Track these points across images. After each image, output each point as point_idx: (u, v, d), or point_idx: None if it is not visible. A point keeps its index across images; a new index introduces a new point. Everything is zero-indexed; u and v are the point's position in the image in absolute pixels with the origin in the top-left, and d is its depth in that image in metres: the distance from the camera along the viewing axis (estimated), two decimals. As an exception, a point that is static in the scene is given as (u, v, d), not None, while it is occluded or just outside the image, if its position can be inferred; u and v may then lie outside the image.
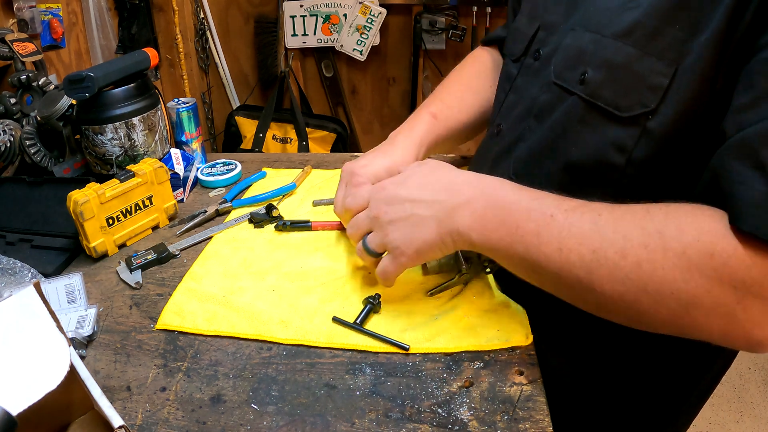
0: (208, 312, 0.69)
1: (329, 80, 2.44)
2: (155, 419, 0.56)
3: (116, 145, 0.95)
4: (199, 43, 2.26)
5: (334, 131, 2.32)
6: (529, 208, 0.52)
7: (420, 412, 0.55)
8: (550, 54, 0.64)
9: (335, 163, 1.09)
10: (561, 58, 0.61)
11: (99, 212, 0.80)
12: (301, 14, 2.29)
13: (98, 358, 0.65)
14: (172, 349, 0.65)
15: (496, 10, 2.15)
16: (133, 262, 0.79)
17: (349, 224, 0.68)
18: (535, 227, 0.51)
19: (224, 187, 1.02)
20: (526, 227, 0.52)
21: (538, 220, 0.51)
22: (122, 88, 0.94)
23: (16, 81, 1.07)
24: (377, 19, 2.23)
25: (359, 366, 0.61)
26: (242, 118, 2.36)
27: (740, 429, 1.72)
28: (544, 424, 0.54)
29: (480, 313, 0.66)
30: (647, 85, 0.52)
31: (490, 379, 0.59)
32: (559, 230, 0.50)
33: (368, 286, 0.72)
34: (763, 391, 1.84)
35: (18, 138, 1.00)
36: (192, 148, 1.08)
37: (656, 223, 0.46)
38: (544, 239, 0.51)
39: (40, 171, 0.99)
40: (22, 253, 0.83)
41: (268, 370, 0.62)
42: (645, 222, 0.47)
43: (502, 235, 0.54)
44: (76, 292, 0.70)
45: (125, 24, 1.88)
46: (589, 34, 0.57)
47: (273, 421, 0.56)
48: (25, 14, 1.31)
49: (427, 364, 0.61)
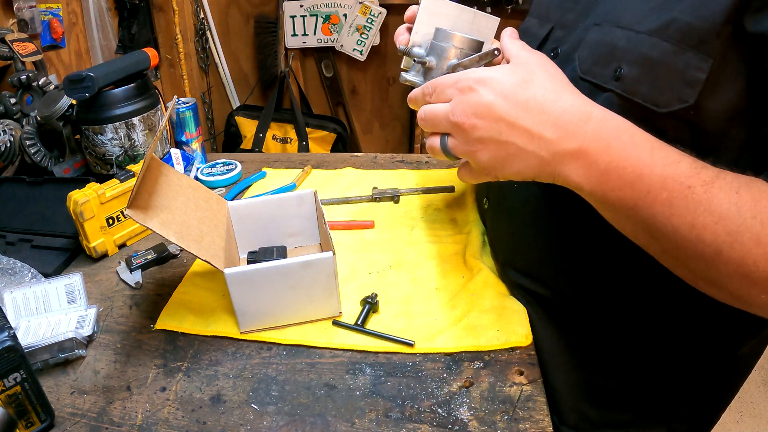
0: (208, 312, 0.69)
1: (329, 80, 2.44)
2: (155, 419, 0.56)
3: (116, 145, 0.95)
4: (199, 43, 2.26)
5: (334, 131, 2.32)
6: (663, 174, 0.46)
7: (420, 412, 0.55)
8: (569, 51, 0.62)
9: (335, 163, 1.09)
10: (587, 53, 0.58)
11: (99, 212, 0.80)
12: (301, 14, 2.29)
13: (98, 358, 0.65)
14: (172, 349, 0.65)
15: (496, 11, 2.15)
16: (133, 262, 0.79)
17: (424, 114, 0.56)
18: (668, 197, 0.46)
19: (224, 187, 1.01)
20: (658, 195, 0.47)
21: (674, 190, 0.46)
22: (122, 88, 0.94)
23: (16, 81, 1.07)
24: (377, 19, 2.23)
25: (359, 366, 0.61)
26: (242, 118, 2.36)
27: (740, 429, 1.72)
28: (544, 424, 0.54)
29: (480, 313, 0.66)
30: (685, 79, 0.50)
31: (490, 379, 0.59)
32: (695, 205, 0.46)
33: (366, 286, 0.72)
34: (763, 391, 1.84)
35: (18, 138, 1.00)
36: (192, 148, 1.08)
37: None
38: (677, 211, 0.46)
39: (40, 171, 0.99)
40: (22, 253, 0.83)
41: (268, 370, 0.62)
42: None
43: (625, 196, 0.48)
44: (76, 292, 0.70)
45: (125, 24, 1.88)
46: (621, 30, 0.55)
47: (273, 421, 0.56)
48: (25, 14, 1.31)
49: (427, 364, 0.61)
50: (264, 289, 0.63)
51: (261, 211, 0.77)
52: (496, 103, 0.50)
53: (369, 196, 0.93)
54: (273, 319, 0.66)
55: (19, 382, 0.52)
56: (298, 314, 0.66)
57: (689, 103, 0.51)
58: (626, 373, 0.69)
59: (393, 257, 0.78)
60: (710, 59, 0.49)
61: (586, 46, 0.59)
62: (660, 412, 0.71)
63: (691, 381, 0.69)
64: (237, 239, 0.78)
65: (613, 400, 0.71)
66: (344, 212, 0.90)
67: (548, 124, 0.49)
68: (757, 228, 0.44)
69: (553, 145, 0.49)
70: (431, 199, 0.92)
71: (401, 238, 0.83)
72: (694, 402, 0.71)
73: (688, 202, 0.46)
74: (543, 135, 0.49)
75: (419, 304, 0.69)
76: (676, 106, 0.52)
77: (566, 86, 0.51)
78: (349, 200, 0.93)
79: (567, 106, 0.49)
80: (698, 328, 0.65)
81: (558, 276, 0.67)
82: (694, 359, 0.68)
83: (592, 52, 0.58)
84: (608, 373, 0.70)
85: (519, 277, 0.71)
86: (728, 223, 0.45)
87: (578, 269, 0.65)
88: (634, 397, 0.71)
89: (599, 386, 0.71)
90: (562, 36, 0.65)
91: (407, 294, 0.71)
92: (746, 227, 0.45)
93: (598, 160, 0.48)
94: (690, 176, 0.46)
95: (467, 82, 0.51)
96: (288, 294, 0.64)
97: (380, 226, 0.86)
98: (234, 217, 0.76)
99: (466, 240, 0.81)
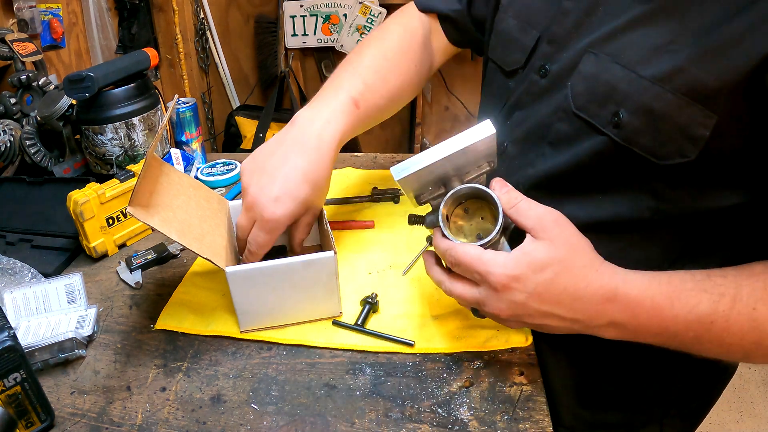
0: (208, 312, 0.69)
1: (329, 80, 2.44)
2: (155, 419, 0.56)
3: (116, 145, 0.95)
4: (199, 43, 2.26)
5: (334, 131, 2.32)
6: (687, 320, 0.50)
7: (420, 412, 0.55)
8: (561, 74, 0.60)
9: (335, 163, 1.09)
10: (583, 87, 0.57)
11: (99, 212, 0.80)
12: (301, 14, 2.29)
13: (98, 358, 0.65)
14: (172, 349, 0.65)
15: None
16: (133, 262, 0.79)
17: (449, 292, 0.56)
18: (694, 335, 0.51)
19: (224, 187, 1.02)
20: (684, 336, 0.52)
21: (698, 330, 0.51)
22: (122, 88, 0.94)
23: (16, 81, 1.07)
24: (377, 19, 2.23)
25: (359, 366, 0.61)
26: (242, 118, 2.36)
27: (740, 429, 1.72)
28: (544, 424, 0.54)
29: (480, 313, 0.66)
30: (687, 135, 0.50)
31: (490, 379, 0.59)
32: (720, 333, 0.50)
33: (366, 286, 0.72)
34: (763, 391, 1.84)
35: (18, 138, 1.00)
36: (192, 148, 1.08)
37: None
38: (705, 341, 0.51)
39: (40, 171, 0.99)
40: (22, 253, 0.83)
41: (268, 370, 0.62)
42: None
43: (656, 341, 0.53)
44: (76, 292, 0.70)
45: (125, 24, 1.88)
46: (621, 68, 0.53)
47: (273, 421, 0.56)
48: (25, 14, 1.31)
49: (427, 364, 0.61)
50: (265, 288, 0.63)
51: None
52: (529, 302, 0.51)
53: (369, 196, 0.93)
54: (273, 318, 0.66)
55: (19, 382, 0.52)
56: (299, 314, 0.66)
57: (690, 158, 0.51)
58: (618, 374, 0.70)
59: (393, 257, 0.78)
60: (715, 116, 0.49)
61: (581, 78, 0.57)
62: (652, 411, 0.72)
63: (682, 378, 0.70)
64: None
65: (606, 401, 0.72)
66: (344, 212, 0.90)
67: (580, 311, 0.51)
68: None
69: (586, 324, 0.52)
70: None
71: (401, 238, 0.83)
72: (686, 398, 0.72)
73: (713, 335, 0.50)
74: (576, 319, 0.52)
75: (419, 304, 0.69)
76: (676, 160, 0.52)
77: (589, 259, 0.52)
78: (349, 200, 0.93)
79: (595, 288, 0.51)
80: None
81: None
82: (684, 358, 0.68)
83: (589, 87, 0.56)
84: (601, 376, 0.70)
85: None
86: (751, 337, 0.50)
87: None
88: (626, 398, 0.71)
89: (593, 389, 0.71)
90: (551, 53, 0.62)
91: (407, 294, 0.71)
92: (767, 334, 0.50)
93: (627, 326, 0.52)
94: (710, 314, 0.50)
95: (500, 279, 0.50)
96: (288, 293, 0.64)
97: (380, 226, 0.86)
98: (235, 216, 0.76)
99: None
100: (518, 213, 0.52)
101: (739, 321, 0.49)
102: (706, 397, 0.74)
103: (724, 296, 0.50)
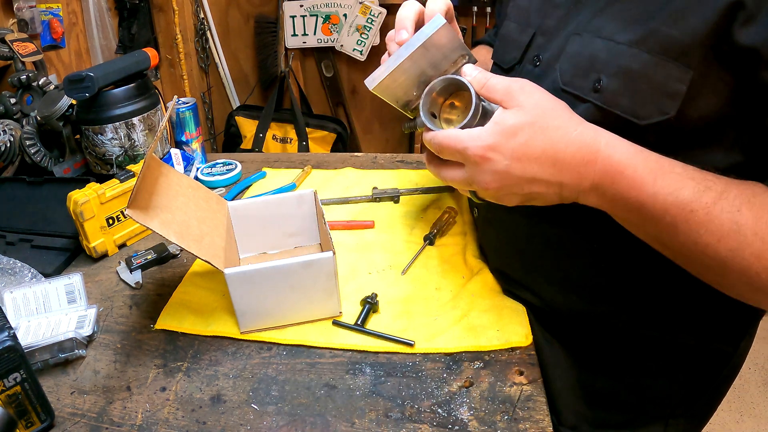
0: (208, 312, 0.69)
1: (329, 80, 2.44)
2: (155, 419, 0.56)
3: (116, 145, 0.95)
4: (199, 43, 2.26)
5: (334, 131, 2.31)
6: (666, 202, 0.50)
7: (420, 412, 0.55)
8: (551, 59, 0.62)
9: (335, 163, 1.09)
10: (569, 64, 0.59)
11: (99, 212, 0.80)
12: (301, 14, 2.28)
13: (98, 358, 0.65)
14: (172, 349, 0.65)
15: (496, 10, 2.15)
16: (133, 262, 0.79)
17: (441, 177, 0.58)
18: (671, 221, 0.50)
19: (224, 187, 1.02)
20: (661, 219, 0.50)
21: (676, 215, 0.50)
22: (122, 88, 0.94)
23: (16, 81, 1.07)
24: (377, 19, 2.23)
25: (359, 366, 0.61)
26: (242, 118, 2.36)
27: (740, 429, 1.72)
28: (544, 424, 0.54)
29: (480, 313, 0.66)
30: (665, 91, 0.51)
31: (490, 379, 0.59)
32: (697, 226, 0.49)
33: (366, 286, 0.72)
34: (763, 391, 1.84)
35: (18, 138, 1.00)
36: (192, 148, 1.08)
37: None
38: (681, 231, 0.50)
39: (40, 171, 0.99)
40: (22, 253, 0.83)
41: (268, 370, 0.62)
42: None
43: (632, 217, 0.53)
44: (76, 292, 0.70)
45: (125, 24, 1.88)
46: (601, 40, 0.55)
47: (273, 421, 0.56)
48: (25, 14, 1.31)
49: (427, 364, 0.61)
50: (264, 288, 0.63)
51: (261, 211, 0.77)
52: (511, 166, 0.52)
53: (369, 196, 0.93)
54: (273, 319, 0.66)
55: (19, 382, 0.52)
56: (298, 314, 0.66)
57: (670, 114, 0.52)
58: (622, 375, 0.69)
59: (393, 257, 0.78)
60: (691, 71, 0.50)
61: (567, 57, 0.59)
62: (657, 411, 0.72)
63: (686, 379, 0.69)
64: (237, 239, 0.78)
65: (608, 401, 0.72)
66: (344, 212, 0.90)
67: (564, 171, 0.52)
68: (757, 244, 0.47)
69: (572, 188, 0.53)
70: (431, 199, 0.92)
71: (401, 238, 0.83)
72: (691, 399, 0.72)
73: (690, 225, 0.49)
74: (562, 182, 0.52)
75: (419, 304, 0.69)
76: (656, 118, 0.53)
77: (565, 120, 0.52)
78: (349, 200, 0.93)
79: (575, 149, 0.51)
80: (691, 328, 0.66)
81: (548, 285, 0.67)
82: (689, 359, 0.68)
83: (573, 63, 0.58)
84: (604, 376, 0.70)
85: (510, 285, 0.71)
86: (729, 241, 0.48)
87: (567, 280, 0.65)
88: (631, 398, 0.71)
89: (596, 388, 0.71)
90: (543, 43, 0.65)
91: (407, 294, 0.71)
92: (747, 244, 0.47)
93: (607, 192, 0.52)
94: (692, 201, 0.49)
95: (477, 151, 0.52)
96: (288, 294, 0.64)
97: (380, 226, 0.86)
98: (234, 217, 0.76)
99: (466, 240, 0.81)
100: (488, 90, 0.53)
101: (720, 219, 0.48)
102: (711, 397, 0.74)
103: (710, 189, 0.49)
